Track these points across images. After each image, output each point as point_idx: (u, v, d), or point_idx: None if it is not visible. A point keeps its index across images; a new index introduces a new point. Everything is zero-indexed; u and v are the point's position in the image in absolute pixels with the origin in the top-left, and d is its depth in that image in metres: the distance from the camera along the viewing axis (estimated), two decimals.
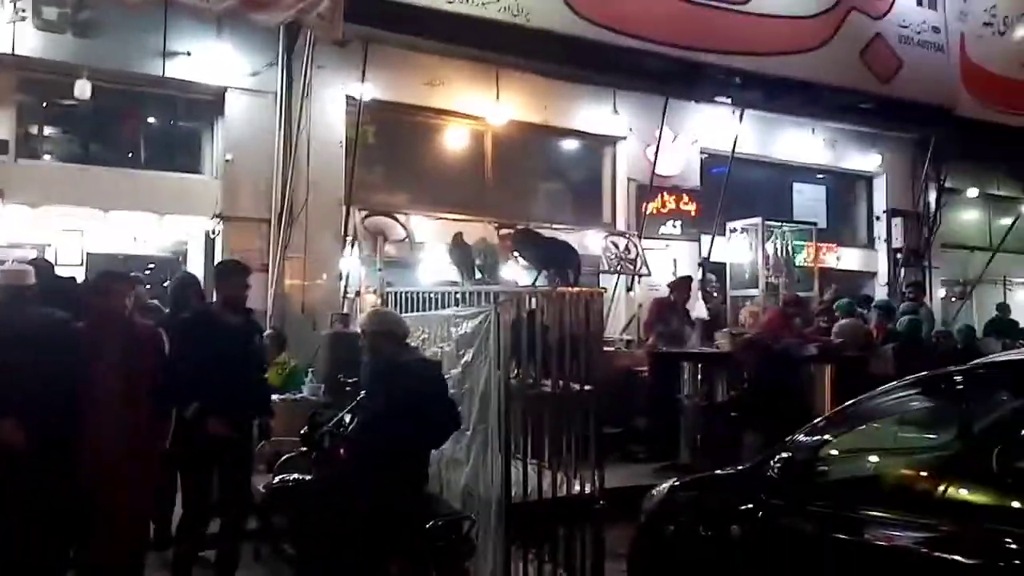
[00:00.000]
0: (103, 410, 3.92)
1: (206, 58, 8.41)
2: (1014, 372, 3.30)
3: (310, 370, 7.19)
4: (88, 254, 8.21)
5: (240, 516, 4.71)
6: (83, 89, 7.77)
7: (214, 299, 4.61)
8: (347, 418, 4.59)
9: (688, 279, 9.29)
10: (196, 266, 8.81)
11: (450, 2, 8.36)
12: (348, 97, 8.94)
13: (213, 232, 8.68)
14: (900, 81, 11.32)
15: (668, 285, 9.18)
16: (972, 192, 14.00)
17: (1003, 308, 12.96)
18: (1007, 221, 14.28)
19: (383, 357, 4.13)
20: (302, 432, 4.92)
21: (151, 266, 9.52)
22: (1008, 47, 12.70)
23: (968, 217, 14.68)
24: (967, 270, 13.76)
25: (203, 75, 8.48)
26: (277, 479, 5.08)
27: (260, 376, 4.85)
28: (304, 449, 4.92)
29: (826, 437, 3.32)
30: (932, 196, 13.15)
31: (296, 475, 4.99)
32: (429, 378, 4.04)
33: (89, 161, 8.44)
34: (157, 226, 8.48)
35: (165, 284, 9.27)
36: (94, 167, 8.34)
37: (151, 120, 9.00)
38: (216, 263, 5.90)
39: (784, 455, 3.23)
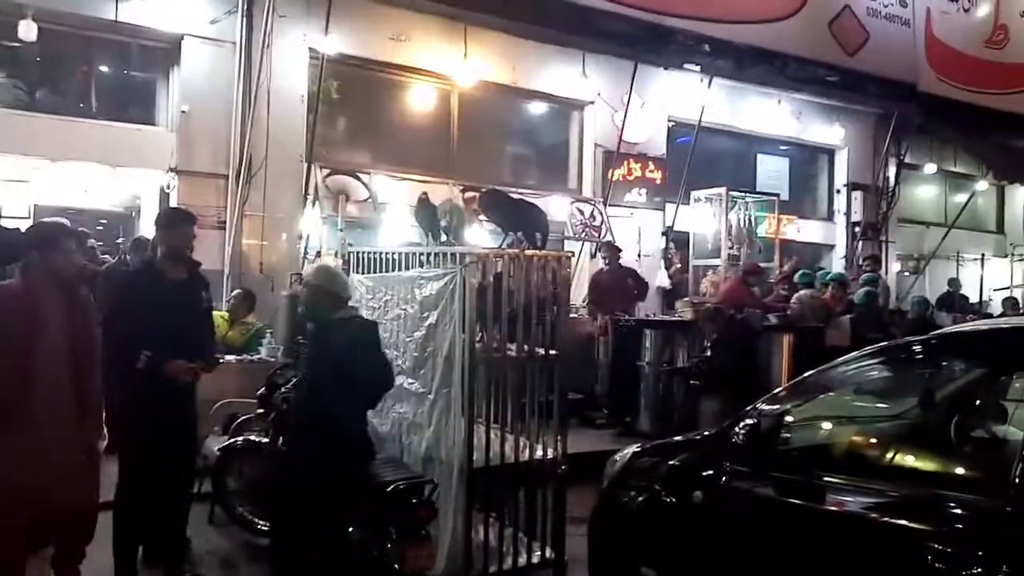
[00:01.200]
0: (44, 386, 3.48)
1: (162, 3, 8.05)
2: (971, 342, 3.33)
3: (268, 332, 7.06)
4: (36, 206, 7.89)
5: (189, 476, 4.55)
6: (28, 31, 7.40)
7: (157, 251, 4.29)
8: None
9: (611, 243, 9.64)
10: (149, 222, 8.54)
11: None
12: (311, 50, 8.65)
13: (168, 187, 8.38)
14: (866, 54, 11.36)
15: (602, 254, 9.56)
16: (930, 168, 14.22)
17: (954, 283, 13.34)
18: (962, 198, 14.60)
19: (318, 313, 4.00)
20: (259, 393, 4.83)
21: (103, 221, 9.21)
22: (972, 25, 12.82)
23: (925, 193, 14.97)
24: (922, 245, 14.05)
25: (158, 21, 8.14)
26: (232, 440, 4.99)
27: (208, 333, 4.62)
28: (261, 411, 4.83)
29: (790, 405, 3.33)
30: (892, 171, 13.32)
31: (252, 437, 4.91)
32: (361, 337, 3.92)
33: (35, 108, 8.06)
34: (109, 179, 8.18)
35: (119, 240, 9.03)
36: (41, 115, 7.96)
37: (103, 67, 8.63)
38: (159, 212, 5.48)
39: (749, 422, 3.23)
